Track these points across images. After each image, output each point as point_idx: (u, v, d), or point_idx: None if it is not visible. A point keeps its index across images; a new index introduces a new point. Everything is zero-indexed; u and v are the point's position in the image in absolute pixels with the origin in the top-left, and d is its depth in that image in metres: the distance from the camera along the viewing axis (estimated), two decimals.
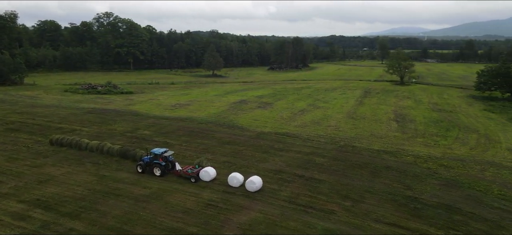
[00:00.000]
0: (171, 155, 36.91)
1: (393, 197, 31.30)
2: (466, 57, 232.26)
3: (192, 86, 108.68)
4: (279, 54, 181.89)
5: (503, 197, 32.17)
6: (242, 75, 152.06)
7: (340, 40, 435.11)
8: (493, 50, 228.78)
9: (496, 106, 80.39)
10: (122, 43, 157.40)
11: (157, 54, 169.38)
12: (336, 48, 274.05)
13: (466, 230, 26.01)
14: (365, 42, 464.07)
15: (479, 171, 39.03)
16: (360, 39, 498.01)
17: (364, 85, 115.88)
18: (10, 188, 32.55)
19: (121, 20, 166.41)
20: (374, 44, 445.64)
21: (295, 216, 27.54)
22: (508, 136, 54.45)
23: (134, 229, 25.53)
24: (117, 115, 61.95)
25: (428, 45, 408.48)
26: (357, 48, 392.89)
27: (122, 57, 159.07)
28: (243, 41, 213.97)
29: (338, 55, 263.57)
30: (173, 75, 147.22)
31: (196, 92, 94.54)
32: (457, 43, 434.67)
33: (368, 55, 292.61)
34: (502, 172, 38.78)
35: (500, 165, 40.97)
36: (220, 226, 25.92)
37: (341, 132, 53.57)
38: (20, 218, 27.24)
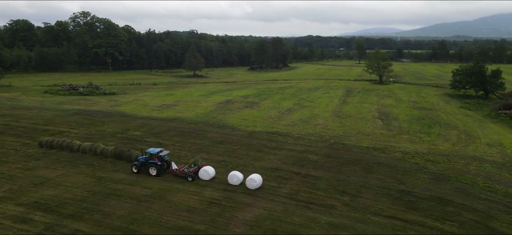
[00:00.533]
0: (166, 155, 37.08)
1: (387, 192, 32.65)
2: (439, 57, 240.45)
3: (175, 87, 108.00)
4: (260, 54, 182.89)
5: (488, 189, 34.08)
6: (223, 75, 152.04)
7: (317, 40, 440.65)
8: (464, 50, 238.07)
9: (471, 103, 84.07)
10: (100, 43, 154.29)
11: (136, 55, 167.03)
12: (315, 48, 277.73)
13: (459, 220, 27.54)
14: (341, 42, 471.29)
15: (463, 165, 41.06)
16: (336, 39, 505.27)
17: (345, 84, 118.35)
18: (5, 192, 31.90)
19: (99, 20, 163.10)
20: (350, 44, 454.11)
21: (298, 212, 28.36)
22: (486, 132, 57.22)
23: (141, 229, 25.68)
24: (104, 116, 61.12)
25: (402, 45, 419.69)
26: (334, 48, 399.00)
27: (101, 57, 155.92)
28: (222, 41, 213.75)
29: (316, 55, 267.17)
30: (153, 75, 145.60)
31: (180, 92, 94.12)
32: (429, 43, 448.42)
33: (345, 55, 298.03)
34: (484, 165, 40.93)
35: (482, 159, 43.19)
36: (227, 223, 26.42)
37: (329, 130, 54.90)
38: (21, 221, 26.85)
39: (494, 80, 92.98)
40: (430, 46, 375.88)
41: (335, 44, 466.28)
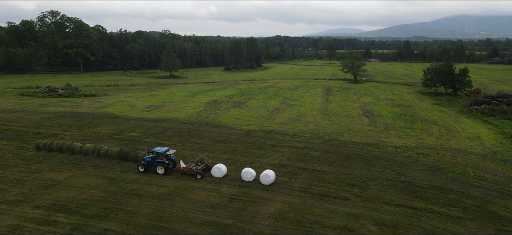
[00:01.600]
0: (172, 154, 37.68)
1: (392, 183, 34.95)
2: (404, 57, 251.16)
3: (155, 88, 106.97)
4: (235, 55, 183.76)
5: (479, 178, 37.20)
6: (199, 76, 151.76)
7: (286, 40, 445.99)
8: (427, 51, 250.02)
9: (443, 100, 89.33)
10: (71, 43, 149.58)
11: (109, 55, 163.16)
12: (286, 48, 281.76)
13: (462, 206, 30.15)
14: (309, 43, 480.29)
15: (451, 157, 44.28)
16: (304, 39, 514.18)
17: (322, 83, 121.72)
18: (17, 195, 31.40)
19: (69, 20, 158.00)
20: (318, 44, 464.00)
21: (316, 204, 29.96)
22: (463, 126, 61.42)
23: (171, 225, 26.33)
24: (94, 118, 60.18)
25: (366, 46, 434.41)
26: (302, 48, 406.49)
27: (72, 58, 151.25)
28: (195, 41, 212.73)
29: (287, 55, 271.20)
30: (128, 76, 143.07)
31: (162, 93, 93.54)
32: (392, 43, 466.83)
33: (315, 55, 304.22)
34: (470, 157, 44.36)
35: (466, 151, 46.70)
36: (253, 217, 27.57)
37: (321, 128, 57.05)
38: (45, 223, 26.72)
39: (462, 78, 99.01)
40: (394, 46, 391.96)
41: (303, 44, 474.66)
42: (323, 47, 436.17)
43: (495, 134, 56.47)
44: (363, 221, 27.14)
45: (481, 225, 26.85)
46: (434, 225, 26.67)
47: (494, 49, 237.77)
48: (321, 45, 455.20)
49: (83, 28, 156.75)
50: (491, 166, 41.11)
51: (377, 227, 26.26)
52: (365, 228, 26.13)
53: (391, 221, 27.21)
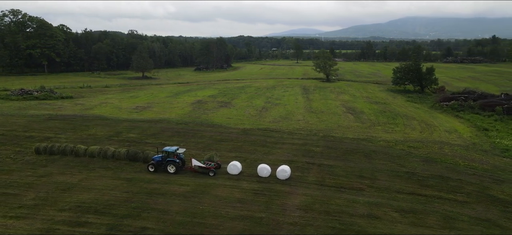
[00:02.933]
0: (182, 153, 38.28)
1: (396, 174, 37.63)
2: (367, 56, 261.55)
3: (131, 89, 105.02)
4: (205, 55, 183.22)
5: (469, 166, 40.83)
6: (171, 76, 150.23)
7: (249, 41, 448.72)
8: (388, 51, 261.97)
9: (414, 97, 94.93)
10: (34, 43, 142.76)
11: (75, 56, 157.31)
12: (253, 48, 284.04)
13: (465, 192, 33.26)
14: (273, 43, 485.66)
15: (438, 149, 47.97)
16: (268, 39, 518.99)
17: (297, 83, 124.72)
18: (34, 199, 30.78)
19: (31, 19, 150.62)
20: (282, 44, 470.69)
21: (335, 195, 31.87)
22: (439, 121, 66.10)
23: (207, 221, 27.15)
24: (84, 121, 58.81)
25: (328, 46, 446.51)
26: (266, 48, 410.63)
27: (35, 59, 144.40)
28: (163, 42, 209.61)
29: (254, 55, 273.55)
30: (97, 77, 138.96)
31: (142, 94, 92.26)
32: (352, 44, 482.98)
33: (281, 55, 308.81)
34: (455, 148, 48.28)
35: (450, 144, 50.70)
36: (282, 209, 28.97)
37: (313, 125, 59.33)
38: (77, 225, 26.62)
39: (429, 77, 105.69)
40: (354, 46, 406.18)
41: (267, 44, 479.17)
42: (287, 47, 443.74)
43: (469, 127, 61.37)
44: (383, 208, 29.36)
45: (486, 208, 29.93)
46: (447, 210, 29.41)
47: (448, 49, 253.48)
48: (284, 45, 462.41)
49: (47, 28, 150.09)
50: (476, 156, 45.10)
51: (398, 213, 28.56)
52: (388, 214, 28.34)
53: (408, 207, 29.65)
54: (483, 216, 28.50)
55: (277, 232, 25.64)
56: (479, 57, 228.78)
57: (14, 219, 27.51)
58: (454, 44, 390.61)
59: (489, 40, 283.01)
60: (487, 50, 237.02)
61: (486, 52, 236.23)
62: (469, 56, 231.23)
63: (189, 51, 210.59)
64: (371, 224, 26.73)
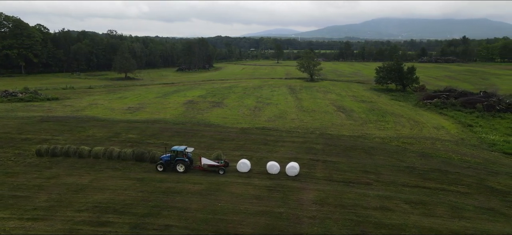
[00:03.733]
0: (190, 152, 38.71)
1: (398, 168, 39.32)
2: (345, 56, 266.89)
3: (117, 90, 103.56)
4: (188, 55, 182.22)
5: (463, 160, 43.06)
6: (154, 77, 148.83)
7: (227, 41, 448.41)
8: (365, 51, 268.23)
9: (397, 96, 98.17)
10: (11, 44, 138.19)
11: (54, 57, 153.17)
12: (233, 48, 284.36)
13: (465, 183, 35.23)
14: (251, 43, 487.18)
15: (431, 144, 50.20)
16: (246, 39, 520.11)
17: (282, 83, 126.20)
18: (47, 201, 30.49)
19: (7, 18, 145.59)
20: (259, 44, 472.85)
21: (346, 190, 33.11)
22: (425, 118, 68.86)
23: (229, 217, 27.74)
24: (79, 122, 57.93)
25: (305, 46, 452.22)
26: (245, 48, 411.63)
27: (12, 60, 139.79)
28: (143, 42, 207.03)
29: (234, 55, 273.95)
30: (77, 79, 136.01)
31: (130, 95, 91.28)
32: (329, 44, 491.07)
33: (262, 55, 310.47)
34: (446, 144, 50.67)
35: (440, 139, 53.11)
36: (299, 204, 29.93)
37: (308, 124, 60.66)
38: (99, 225, 26.64)
39: (410, 76, 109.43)
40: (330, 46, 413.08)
41: (245, 44, 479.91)
42: (265, 47, 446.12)
43: (454, 124, 64.31)
44: (394, 201, 30.81)
45: (487, 198, 31.90)
46: (452, 200, 31.18)
47: (423, 49, 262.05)
48: (262, 45, 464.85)
49: (24, 28, 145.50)
50: (467, 151, 47.56)
51: (408, 205, 30.06)
52: (399, 206, 29.80)
53: (417, 199, 31.24)
54: (486, 205, 30.40)
55: (299, 225, 26.56)
56: (452, 57, 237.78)
57: (32, 221, 27.24)
58: (427, 44, 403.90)
59: (460, 40, 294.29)
60: (459, 50, 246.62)
61: (458, 52, 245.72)
62: (443, 56, 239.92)
63: (169, 52, 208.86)
64: (385, 215, 28.08)
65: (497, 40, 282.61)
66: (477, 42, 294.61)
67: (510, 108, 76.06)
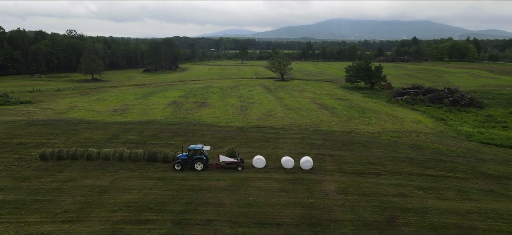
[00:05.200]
0: (206, 151, 39.55)
1: (399, 159, 42.49)
2: (307, 56, 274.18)
3: (89, 92, 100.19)
4: (154, 56, 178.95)
5: (450, 150, 47.23)
6: (122, 78, 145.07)
7: (185, 41, 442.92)
8: (326, 51, 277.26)
9: (369, 93, 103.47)
10: None
11: (11, 58, 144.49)
12: (196, 49, 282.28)
13: (461, 170, 38.98)
14: (211, 43, 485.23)
15: (416, 137, 54.30)
16: (205, 40, 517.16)
17: (255, 82, 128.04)
18: (74, 203, 30.13)
19: None
20: (219, 44, 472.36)
21: (360, 180, 35.54)
22: (401, 113, 73.69)
23: (264, 210, 29.05)
24: (69, 125, 56.18)
25: (265, 46, 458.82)
26: (204, 49, 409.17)
27: None
28: (105, 42, 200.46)
29: (197, 56, 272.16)
30: (39, 81, 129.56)
31: (107, 96, 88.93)
32: (287, 44, 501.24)
33: (224, 55, 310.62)
34: (429, 136, 55.02)
35: (423, 132, 57.48)
36: (325, 195, 31.86)
37: (298, 121, 62.97)
38: (139, 223, 26.89)
39: (378, 74, 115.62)
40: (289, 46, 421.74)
41: (204, 45, 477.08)
42: (224, 47, 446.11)
43: (428, 118, 69.52)
44: (407, 188, 33.66)
45: (485, 182, 35.69)
46: (456, 185, 34.60)
47: (380, 49, 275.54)
48: (222, 46, 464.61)
49: None
50: (449, 142, 52.06)
51: (421, 191, 33.01)
52: (414, 192, 32.65)
53: (426, 186, 34.32)
54: (486, 188, 34.10)
55: (332, 213, 28.46)
56: (406, 56, 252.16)
57: (68, 223, 26.97)
58: (379, 44, 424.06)
59: (411, 41, 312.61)
60: (413, 50, 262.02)
61: (411, 52, 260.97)
62: (398, 56, 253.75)
63: (133, 52, 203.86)
64: (406, 201, 30.76)
65: (443, 41, 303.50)
66: (426, 43, 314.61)
67: (472, 103, 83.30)
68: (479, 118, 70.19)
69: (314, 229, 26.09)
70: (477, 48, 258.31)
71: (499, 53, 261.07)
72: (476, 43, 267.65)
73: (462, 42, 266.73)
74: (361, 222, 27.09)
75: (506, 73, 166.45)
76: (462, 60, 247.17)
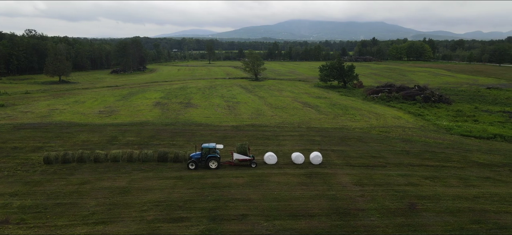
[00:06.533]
0: (218, 149, 40.15)
1: (395, 152, 45.20)
2: (274, 56, 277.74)
3: (62, 94, 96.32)
4: (122, 57, 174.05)
5: (437, 143, 50.80)
6: (91, 80, 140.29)
7: (147, 41, 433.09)
8: (292, 51, 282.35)
9: (344, 92, 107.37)
10: None
11: None
12: (162, 49, 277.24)
13: (454, 160, 42.25)
14: (173, 44, 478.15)
15: (402, 131, 57.71)
16: (167, 40, 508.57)
17: (230, 82, 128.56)
18: (99, 205, 29.74)
19: None
20: (181, 45, 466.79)
21: (370, 172, 37.65)
22: (380, 110, 77.57)
23: (293, 203, 30.16)
24: (60, 128, 54.23)
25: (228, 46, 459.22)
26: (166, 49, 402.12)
27: None
28: (67, 42, 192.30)
29: (163, 56, 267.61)
30: (1, 84, 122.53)
31: (85, 98, 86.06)
32: (251, 44, 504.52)
33: (190, 55, 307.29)
34: (414, 131, 58.65)
35: (407, 127, 61.13)
36: (343, 187, 33.49)
37: (288, 119, 64.63)
38: (174, 221, 27.05)
39: (350, 73, 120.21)
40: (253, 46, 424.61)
41: (166, 45, 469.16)
42: (188, 48, 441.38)
43: (406, 114, 73.79)
44: (415, 178, 36.15)
45: (479, 170, 39.02)
46: (456, 173, 37.61)
47: (343, 49, 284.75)
48: (185, 46, 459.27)
49: None
50: (434, 135, 55.87)
51: (428, 180, 35.62)
52: (422, 181, 35.18)
53: (430, 175, 37.02)
54: (483, 175, 37.38)
55: (356, 203, 30.14)
56: (368, 56, 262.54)
57: (102, 225, 26.71)
58: (339, 45, 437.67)
59: (370, 41, 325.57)
60: (374, 50, 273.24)
61: (373, 52, 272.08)
62: (361, 56, 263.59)
63: (97, 53, 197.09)
64: (418, 189, 33.12)
65: (400, 41, 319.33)
66: (384, 43, 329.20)
67: (441, 99, 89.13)
68: (451, 113, 75.39)
69: (345, 218, 27.63)
70: (432, 48, 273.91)
71: (451, 53, 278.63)
72: (431, 44, 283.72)
73: (419, 42, 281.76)
74: (385, 210, 29.00)
75: (461, 71, 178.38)
76: (419, 59, 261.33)
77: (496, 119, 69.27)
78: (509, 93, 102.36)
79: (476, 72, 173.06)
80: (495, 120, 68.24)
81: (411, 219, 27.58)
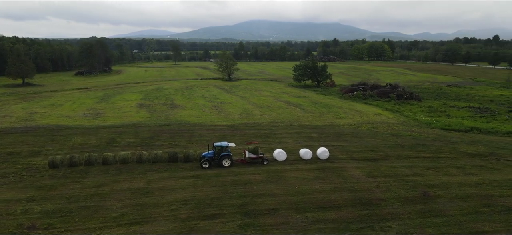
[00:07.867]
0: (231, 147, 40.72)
1: (390, 146, 47.84)
2: (239, 56, 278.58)
3: (32, 97, 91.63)
4: (88, 58, 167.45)
5: (425, 136, 54.22)
6: (57, 82, 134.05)
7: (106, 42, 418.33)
8: (258, 51, 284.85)
9: (320, 90, 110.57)
10: None
11: None
12: (125, 50, 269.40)
13: (446, 151, 45.50)
14: (133, 44, 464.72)
15: (388, 127, 60.94)
16: (126, 40, 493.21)
17: (205, 83, 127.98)
18: (125, 207, 29.40)
19: None
20: (142, 45, 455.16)
21: (375, 165, 39.77)
22: (360, 108, 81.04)
23: (317, 196, 31.36)
24: (52, 132, 52.21)
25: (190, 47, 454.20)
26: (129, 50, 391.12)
27: None
28: (24, 42, 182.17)
29: (127, 58, 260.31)
30: None
31: (61, 101, 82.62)
32: (212, 45, 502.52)
33: (154, 56, 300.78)
34: (398, 126, 62.09)
35: (390, 123, 64.55)
36: (357, 180, 35.25)
37: (278, 118, 66.05)
38: (209, 218, 27.33)
39: (323, 73, 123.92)
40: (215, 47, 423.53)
41: (125, 45, 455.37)
42: (149, 48, 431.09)
43: (384, 111, 77.66)
44: (418, 169, 38.71)
45: (471, 160, 42.39)
46: (452, 163, 40.66)
47: (308, 49, 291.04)
48: (146, 47, 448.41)
49: None
50: (417, 129, 59.53)
51: (431, 170, 38.27)
52: (425, 172, 37.75)
53: (431, 165, 39.77)
54: (476, 164, 40.70)
55: (374, 193, 31.98)
56: (332, 56, 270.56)
57: (136, 225, 26.56)
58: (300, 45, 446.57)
59: (331, 42, 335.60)
60: (337, 50, 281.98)
61: (336, 52, 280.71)
62: (325, 56, 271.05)
63: (58, 54, 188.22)
64: (425, 179, 35.56)
65: (359, 42, 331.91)
66: (345, 43, 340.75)
67: (412, 96, 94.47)
68: (424, 109, 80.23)
69: (370, 207, 29.32)
70: (391, 48, 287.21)
71: (408, 53, 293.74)
72: (390, 44, 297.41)
73: (379, 43, 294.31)
74: (403, 199, 31.04)
75: (420, 70, 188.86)
76: (379, 59, 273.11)
77: (465, 113, 74.67)
78: (468, 90, 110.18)
79: (434, 71, 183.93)
80: (465, 114, 73.54)
81: (429, 205, 29.75)
